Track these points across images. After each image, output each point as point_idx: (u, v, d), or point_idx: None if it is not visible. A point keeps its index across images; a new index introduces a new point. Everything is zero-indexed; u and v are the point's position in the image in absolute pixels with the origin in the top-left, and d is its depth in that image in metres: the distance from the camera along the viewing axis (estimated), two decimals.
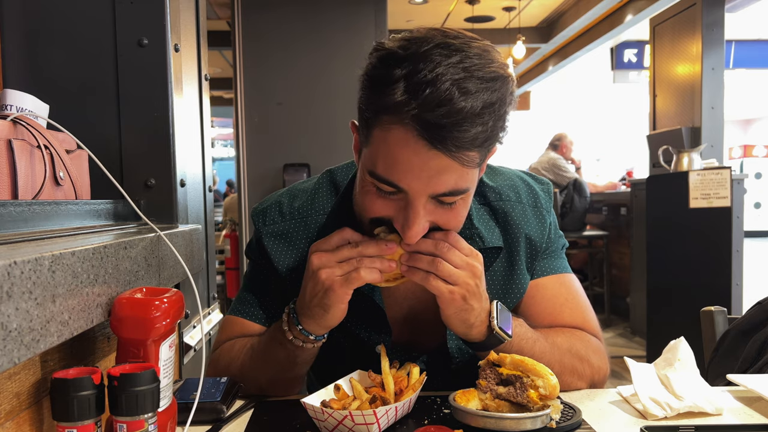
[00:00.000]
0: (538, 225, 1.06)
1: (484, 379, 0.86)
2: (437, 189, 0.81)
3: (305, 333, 0.91)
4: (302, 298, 0.90)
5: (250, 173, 4.24)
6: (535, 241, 1.05)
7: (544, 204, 1.08)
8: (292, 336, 0.93)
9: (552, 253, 1.10)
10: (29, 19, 1.23)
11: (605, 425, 0.85)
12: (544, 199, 1.08)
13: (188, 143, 1.44)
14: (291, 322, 0.93)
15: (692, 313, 1.65)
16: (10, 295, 0.54)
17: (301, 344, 0.93)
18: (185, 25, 1.47)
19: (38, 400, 0.70)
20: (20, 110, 0.96)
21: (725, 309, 1.47)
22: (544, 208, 1.07)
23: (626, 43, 8.14)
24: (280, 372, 0.98)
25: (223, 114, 11.75)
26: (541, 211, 1.07)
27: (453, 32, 0.82)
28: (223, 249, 4.95)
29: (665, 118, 5.14)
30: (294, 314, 0.92)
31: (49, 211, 0.88)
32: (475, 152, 0.80)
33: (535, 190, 1.08)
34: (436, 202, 0.84)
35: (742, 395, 0.96)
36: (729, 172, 3.48)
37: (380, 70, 0.80)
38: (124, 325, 0.73)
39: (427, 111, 0.75)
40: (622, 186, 6.47)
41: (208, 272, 1.75)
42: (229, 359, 1.04)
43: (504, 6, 6.81)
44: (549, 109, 12.98)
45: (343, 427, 0.78)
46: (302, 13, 4.13)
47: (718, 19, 4.63)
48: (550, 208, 1.09)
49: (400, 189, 0.82)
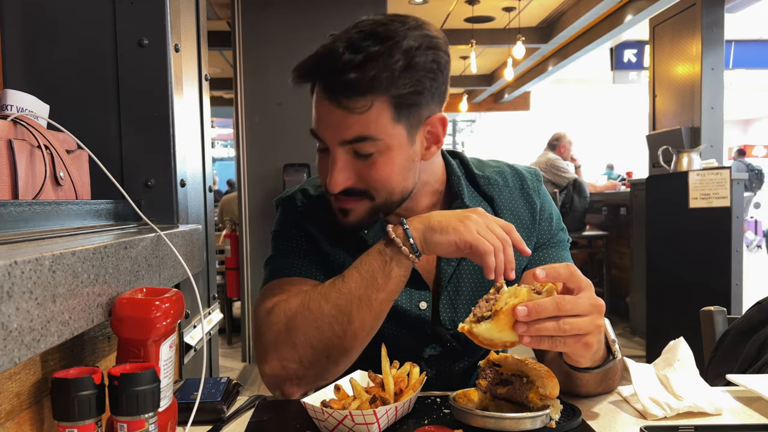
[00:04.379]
0: (525, 204, 1.11)
1: (484, 379, 0.86)
2: (344, 135, 0.92)
3: (409, 234, 0.90)
4: (438, 215, 0.91)
5: (250, 173, 4.24)
6: (524, 219, 1.09)
7: (531, 185, 1.12)
8: (394, 235, 0.90)
9: (558, 243, 1.12)
10: (29, 19, 1.23)
11: (605, 425, 0.85)
12: (531, 180, 1.13)
13: (188, 143, 1.44)
14: (402, 227, 0.91)
15: (692, 313, 1.66)
16: (10, 295, 0.54)
17: (401, 245, 0.89)
18: (185, 25, 1.48)
19: (39, 400, 0.70)
20: (20, 110, 0.96)
21: (725, 309, 1.47)
22: (531, 188, 1.12)
23: (626, 43, 8.15)
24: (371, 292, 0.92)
25: (223, 114, 11.76)
26: (528, 192, 1.12)
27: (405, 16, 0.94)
28: (223, 249, 4.94)
29: (665, 118, 5.15)
30: (406, 224, 0.91)
31: (49, 211, 0.88)
32: (362, 100, 0.89)
33: (521, 174, 1.14)
34: (354, 155, 0.93)
35: (742, 395, 0.96)
36: (728, 172, 3.49)
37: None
38: (125, 325, 0.73)
39: (318, 64, 0.90)
40: (621, 186, 6.48)
41: (208, 272, 1.75)
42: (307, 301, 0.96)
43: (504, 6, 6.81)
44: (549, 109, 12.99)
45: (343, 427, 0.78)
46: (302, 14, 4.13)
47: (717, 19, 4.62)
48: (539, 191, 1.13)
49: (321, 138, 0.95)
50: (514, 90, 10.84)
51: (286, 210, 1.12)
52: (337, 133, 0.92)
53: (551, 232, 1.11)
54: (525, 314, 0.74)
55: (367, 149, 0.92)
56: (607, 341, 0.87)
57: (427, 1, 6.57)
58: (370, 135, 0.91)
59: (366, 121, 0.90)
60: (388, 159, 0.94)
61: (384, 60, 0.88)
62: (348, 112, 0.90)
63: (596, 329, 0.78)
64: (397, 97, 0.90)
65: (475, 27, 7.37)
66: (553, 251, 1.10)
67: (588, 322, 0.77)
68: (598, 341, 0.80)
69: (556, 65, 8.43)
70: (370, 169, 0.93)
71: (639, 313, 4.73)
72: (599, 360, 0.87)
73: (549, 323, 0.75)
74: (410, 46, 0.89)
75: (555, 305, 0.75)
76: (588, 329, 0.77)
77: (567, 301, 0.76)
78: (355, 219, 0.99)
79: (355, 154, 0.93)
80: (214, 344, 1.91)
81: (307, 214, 1.09)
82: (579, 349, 0.79)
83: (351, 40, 0.88)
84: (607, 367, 0.87)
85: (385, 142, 0.92)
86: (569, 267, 0.80)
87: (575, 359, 0.84)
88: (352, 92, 0.89)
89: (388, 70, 0.88)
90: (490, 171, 1.13)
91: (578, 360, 0.84)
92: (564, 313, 0.75)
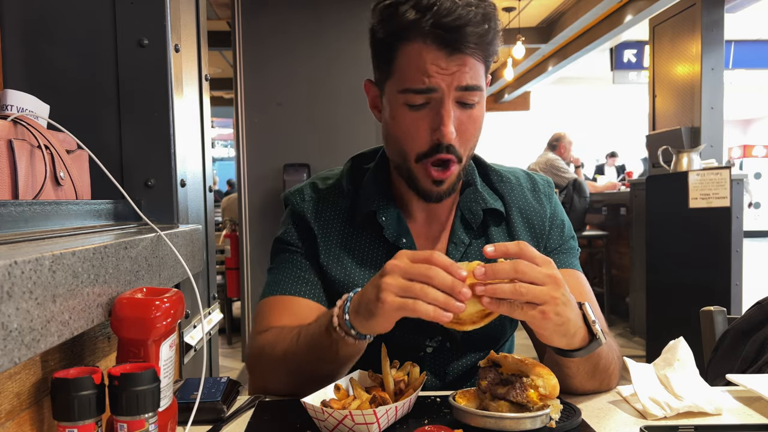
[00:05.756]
0: (536, 205, 1.13)
1: (484, 379, 0.86)
2: (461, 81, 0.94)
3: (349, 325, 0.87)
4: (362, 292, 0.88)
5: (250, 173, 4.24)
6: (532, 219, 1.12)
7: (543, 189, 1.16)
8: (338, 323, 0.88)
9: (568, 251, 1.14)
10: (29, 19, 1.23)
11: (605, 425, 0.85)
12: (542, 185, 1.17)
13: (188, 143, 1.44)
14: (342, 309, 0.89)
15: (692, 313, 1.66)
16: (10, 295, 0.54)
17: (343, 335, 0.88)
18: (185, 25, 1.48)
19: (39, 400, 0.70)
20: (20, 110, 0.96)
21: (725, 309, 1.47)
22: (543, 193, 1.16)
23: (626, 43, 8.15)
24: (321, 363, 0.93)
25: (223, 114, 11.75)
26: (538, 195, 1.15)
27: None
28: (223, 249, 4.94)
29: (665, 118, 5.15)
30: (348, 302, 0.89)
31: (49, 211, 0.88)
32: (482, 52, 0.95)
33: (534, 179, 1.18)
34: (459, 106, 0.96)
35: (742, 395, 0.96)
36: (728, 172, 3.49)
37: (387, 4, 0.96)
38: (125, 325, 0.73)
39: (440, 19, 0.90)
40: (621, 186, 6.48)
41: (208, 272, 1.75)
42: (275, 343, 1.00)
43: (504, 6, 6.82)
44: (549, 109, 12.98)
45: (343, 427, 0.78)
46: (302, 14, 4.13)
47: (717, 20, 4.62)
48: (551, 197, 1.16)
49: (432, 89, 0.94)
50: (514, 90, 10.84)
51: (294, 205, 1.13)
52: (455, 77, 0.94)
53: (562, 239, 1.13)
54: (482, 273, 0.79)
55: (474, 98, 0.97)
56: (588, 325, 0.87)
57: None
58: (479, 84, 0.96)
59: (477, 71, 0.96)
60: (482, 111, 1.00)
61: (495, 18, 0.96)
62: (474, 60, 0.94)
63: (551, 300, 0.80)
64: (490, 54, 0.98)
65: None
66: (563, 257, 1.12)
67: (544, 291, 0.80)
68: (556, 314, 0.80)
69: (556, 65, 8.43)
70: (470, 119, 0.98)
71: (639, 313, 4.74)
72: (579, 342, 0.87)
73: (505, 285, 0.79)
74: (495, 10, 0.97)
75: (512, 267, 0.80)
76: (543, 299, 0.79)
77: (524, 265, 0.80)
78: (448, 185, 1.02)
79: (460, 105, 0.97)
80: (214, 344, 1.91)
81: (315, 208, 1.12)
82: (537, 320, 0.81)
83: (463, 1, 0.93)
84: (590, 350, 0.87)
85: (483, 93, 0.99)
86: (520, 244, 0.82)
87: (542, 334, 0.84)
88: (481, 45, 0.94)
89: (497, 27, 0.96)
90: (505, 169, 1.17)
91: (545, 335, 0.84)
92: (520, 275, 0.79)
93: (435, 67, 0.93)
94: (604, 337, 0.88)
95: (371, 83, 1.07)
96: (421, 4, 0.92)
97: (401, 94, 0.97)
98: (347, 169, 1.15)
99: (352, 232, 1.10)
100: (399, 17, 0.93)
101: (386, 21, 0.96)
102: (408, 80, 0.95)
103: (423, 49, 0.93)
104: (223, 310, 5.01)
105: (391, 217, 1.08)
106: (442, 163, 0.99)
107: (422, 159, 0.99)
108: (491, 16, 0.94)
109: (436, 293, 0.78)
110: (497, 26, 0.96)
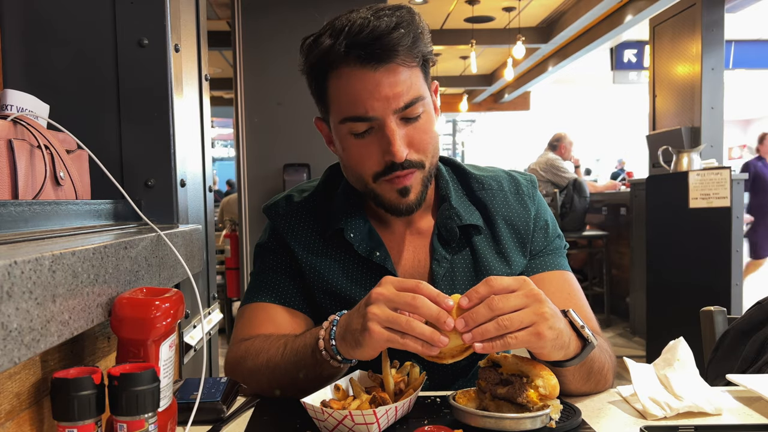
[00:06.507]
0: (520, 209, 1.12)
1: (484, 379, 0.86)
2: (398, 102, 0.93)
3: (335, 350, 0.87)
4: (347, 318, 0.87)
5: (250, 173, 4.24)
6: (517, 224, 1.10)
7: (526, 191, 1.14)
8: (323, 347, 0.89)
9: (554, 251, 1.12)
10: (29, 19, 1.23)
11: (605, 425, 0.85)
12: (526, 186, 1.14)
13: (188, 143, 1.44)
14: (328, 333, 0.89)
15: (692, 313, 1.66)
16: (10, 295, 0.54)
17: (329, 359, 0.88)
18: (185, 25, 1.48)
19: (38, 400, 0.70)
20: (20, 110, 0.96)
21: (725, 309, 1.47)
22: (526, 194, 1.13)
23: (626, 43, 8.15)
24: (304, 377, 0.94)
25: (223, 114, 11.74)
26: (522, 197, 1.13)
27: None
28: (223, 249, 4.94)
29: (665, 118, 5.15)
30: (334, 327, 0.89)
31: (49, 211, 0.88)
32: (409, 56, 0.94)
33: (516, 179, 1.15)
34: (403, 122, 0.96)
35: (742, 395, 0.96)
36: (729, 172, 3.49)
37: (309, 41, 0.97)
38: (125, 325, 0.73)
39: (353, 37, 0.91)
40: (621, 186, 6.48)
41: (208, 272, 1.75)
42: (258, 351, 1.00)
43: (504, 6, 6.81)
44: (549, 109, 12.99)
45: (343, 427, 0.78)
46: (302, 14, 4.13)
47: (717, 20, 4.63)
48: (534, 197, 1.14)
49: (370, 117, 0.94)
50: (514, 90, 10.84)
51: (271, 218, 1.14)
52: (391, 100, 0.93)
53: (547, 240, 1.12)
54: (463, 325, 0.78)
55: (417, 111, 0.96)
56: (577, 330, 0.86)
57: (427, 1, 6.57)
58: (419, 95, 0.96)
59: (413, 82, 0.95)
60: (429, 118, 0.99)
61: (411, 21, 0.94)
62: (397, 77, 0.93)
63: (540, 317, 0.78)
64: (425, 54, 0.97)
65: (475, 27, 7.38)
66: (549, 258, 1.11)
67: (528, 313, 0.78)
68: (549, 328, 0.79)
69: (556, 65, 8.43)
70: (418, 131, 0.97)
71: (639, 313, 4.74)
72: (573, 351, 0.85)
73: (489, 325, 0.77)
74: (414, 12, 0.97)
75: (487, 307, 0.78)
76: (531, 320, 0.78)
77: (498, 300, 0.78)
78: (415, 195, 1.01)
79: (404, 121, 0.96)
80: (214, 344, 1.91)
81: (289, 222, 1.12)
82: (534, 341, 0.78)
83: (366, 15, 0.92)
84: (585, 355, 0.86)
85: (426, 100, 0.98)
86: (488, 282, 0.80)
87: (542, 353, 0.82)
88: (402, 49, 0.92)
89: (417, 28, 0.95)
90: (486, 174, 1.15)
91: (545, 353, 0.82)
92: (498, 311, 0.77)
93: (365, 91, 0.93)
94: (595, 339, 0.87)
95: (320, 120, 1.08)
96: (335, 29, 0.93)
97: (342, 124, 0.97)
98: (322, 182, 1.15)
99: (327, 244, 1.09)
100: (318, 47, 0.94)
101: (309, 54, 0.97)
102: (344, 109, 0.96)
103: (348, 73, 0.93)
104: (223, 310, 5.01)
105: (360, 232, 1.07)
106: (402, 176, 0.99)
107: (380, 178, 0.99)
108: (405, 19, 0.93)
109: (423, 328, 0.78)
110: (417, 27, 0.95)
